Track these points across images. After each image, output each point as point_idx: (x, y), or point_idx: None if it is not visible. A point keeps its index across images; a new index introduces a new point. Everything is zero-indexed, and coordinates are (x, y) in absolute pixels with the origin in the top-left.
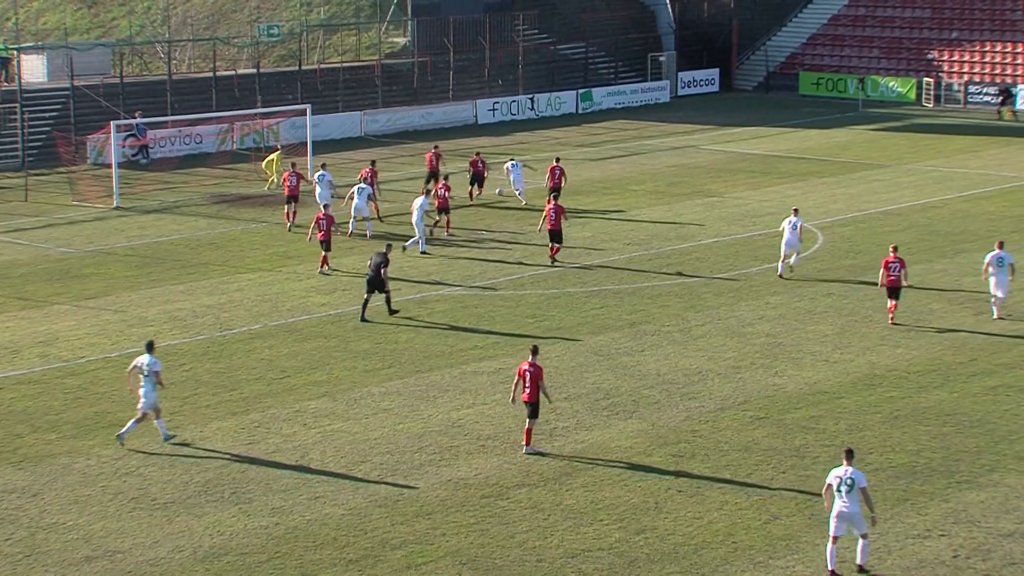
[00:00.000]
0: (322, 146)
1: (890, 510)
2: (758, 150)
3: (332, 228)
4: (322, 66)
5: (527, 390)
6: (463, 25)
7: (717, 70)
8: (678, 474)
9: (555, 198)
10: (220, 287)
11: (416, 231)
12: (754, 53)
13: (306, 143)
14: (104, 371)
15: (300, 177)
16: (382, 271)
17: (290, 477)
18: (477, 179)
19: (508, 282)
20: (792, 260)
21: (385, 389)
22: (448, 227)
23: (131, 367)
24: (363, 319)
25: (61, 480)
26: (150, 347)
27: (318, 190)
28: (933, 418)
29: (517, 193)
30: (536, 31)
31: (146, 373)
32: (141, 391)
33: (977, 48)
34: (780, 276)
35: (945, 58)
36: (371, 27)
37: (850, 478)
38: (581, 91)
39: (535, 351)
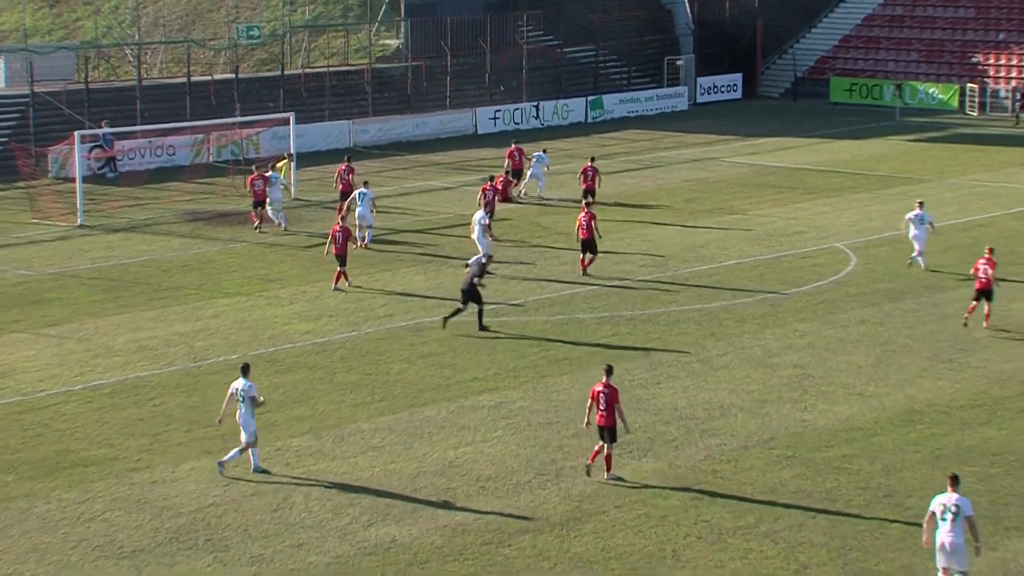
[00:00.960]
0: (307, 158)
1: (930, 560)
2: (785, 163)
3: (348, 241)
4: (307, 71)
5: (601, 413)
6: (461, 26)
7: (740, 75)
8: (697, 519)
9: (587, 205)
10: (194, 313)
11: (479, 247)
12: (781, 56)
13: (289, 155)
14: (66, 405)
15: (267, 180)
16: (475, 281)
17: (270, 523)
18: (515, 173)
19: (510, 307)
20: (921, 261)
21: (375, 425)
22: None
23: (228, 394)
24: (444, 325)
25: (18, 526)
26: (245, 370)
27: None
28: (979, 458)
29: (538, 187)
30: (541, 32)
31: (242, 399)
32: (239, 419)
33: None
34: (924, 269)
35: (991, 62)
36: (360, 28)
37: (955, 505)
38: (591, 98)
39: (609, 371)
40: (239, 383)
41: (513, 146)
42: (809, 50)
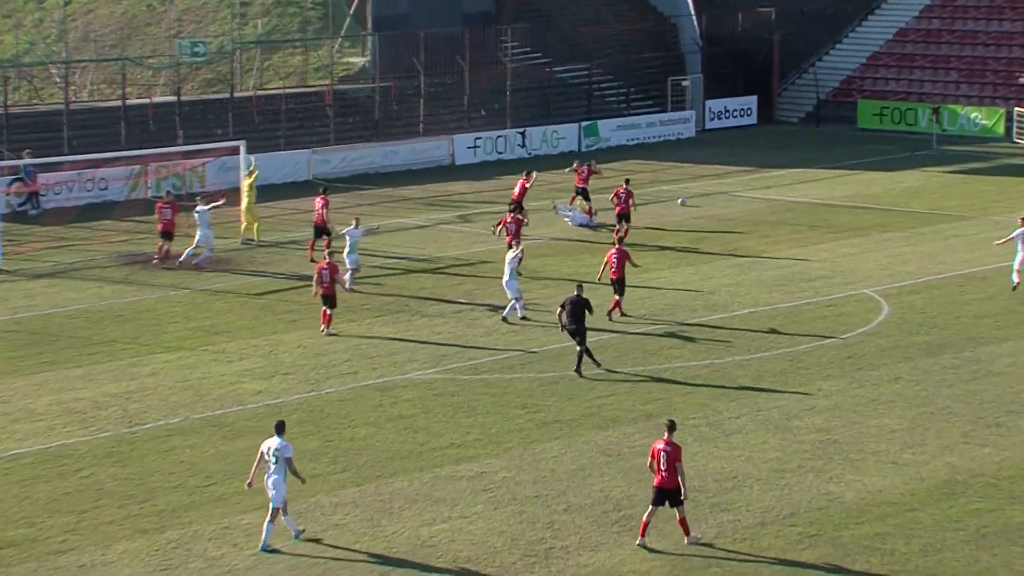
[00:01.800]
0: (260, 192)
1: None
2: (806, 198)
3: (336, 279)
4: (259, 93)
5: (663, 474)
6: (436, 41)
7: (755, 98)
8: None
9: (620, 241)
10: (129, 371)
11: (508, 292)
12: (801, 76)
13: (238, 189)
14: None
15: (175, 208)
16: (585, 315)
17: None
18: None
19: (493, 362)
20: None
21: (338, 499)
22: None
23: (259, 454)
24: (579, 373)
25: None
26: (280, 428)
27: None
28: None
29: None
30: (527, 49)
31: (276, 459)
32: (269, 482)
33: None
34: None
35: None
36: (321, 44)
37: None
38: (584, 124)
39: (672, 427)
40: (273, 442)
41: (581, 165)
42: (833, 69)
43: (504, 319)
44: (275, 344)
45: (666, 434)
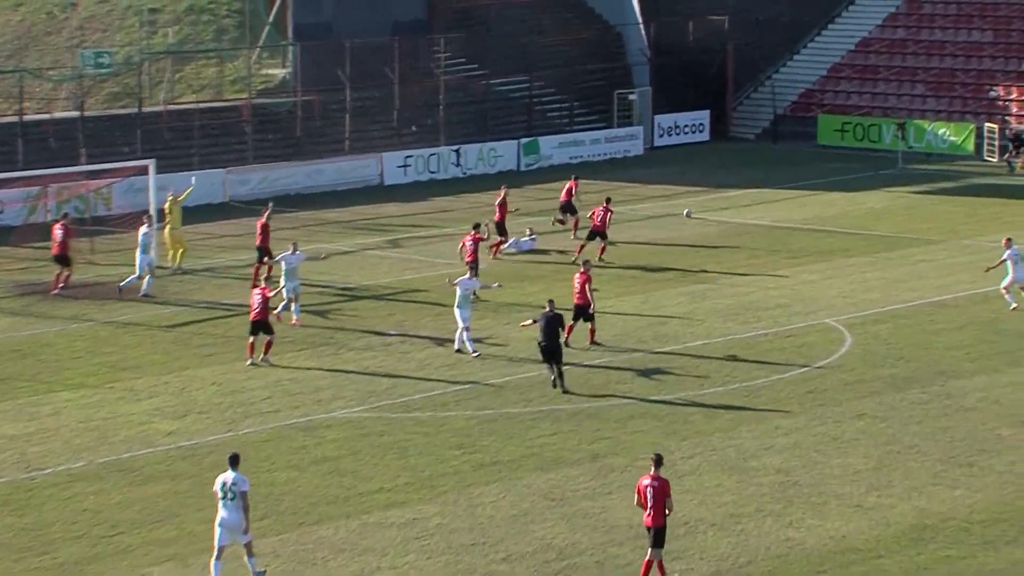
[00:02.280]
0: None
1: None
2: (763, 220)
3: (269, 304)
4: (170, 107)
5: (650, 512)
6: (363, 52)
7: (707, 112)
8: None
9: (585, 263)
10: (27, 411)
11: (459, 320)
12: (756, 89)
13: (147, 212)
14: None
15: (69, 232)
16: (560, 333)
17: None
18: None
19: (426, 399)
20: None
21: (257, 549)
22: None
23: (215, 493)
24: (564, 390)
25: None
26: (234, 461)
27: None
28: None
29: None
30: (462, 60)
31: (232, 496)
32: (224, 514)
33: None
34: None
35: (1013, 96)
36: (238, 55)
37: None
38: (524, 141)
39: (658, 461)
40: (228, 476)
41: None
42: (791, 82)
43: (458, 350)
44: (188, 380)
45: (653, 468)
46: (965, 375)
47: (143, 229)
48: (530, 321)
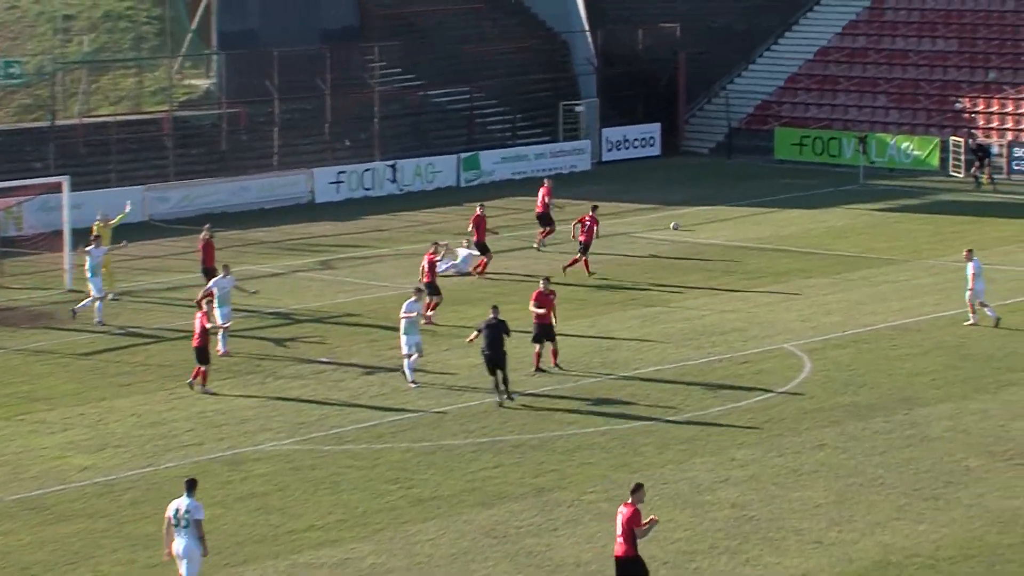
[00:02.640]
0: (86, 235)
1: None
2: (717, 239)
3: (209, 327)
4: (86, 120)
5: (618, 540)
6: (292, 61)
7: (658, 125)
8: None
9: (547, 280)
10: None
11: (403, 346)
12: (710, 101)
13: (61, 232)
14: None
15: None
16: (504, 341)
17: None
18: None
19: (359, 431)
20: (989, 311)
21: None
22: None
23: (166, 519)
24: (509, 396)
25: None
26: (191, 486)
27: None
28: None
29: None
30: (398, 70)
31: (186, 524)
32: (180, 549)
33: None
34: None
35: (980, 108)
36: (158, 64)
37: None
38: (464, 156)
39: (634, 489)
40: (182, 502)
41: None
42: (747, 93)
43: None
44: (105, 412)
45: (630, 497)
46: (930, 403)
47: (91, 249)
48: (475, 334)
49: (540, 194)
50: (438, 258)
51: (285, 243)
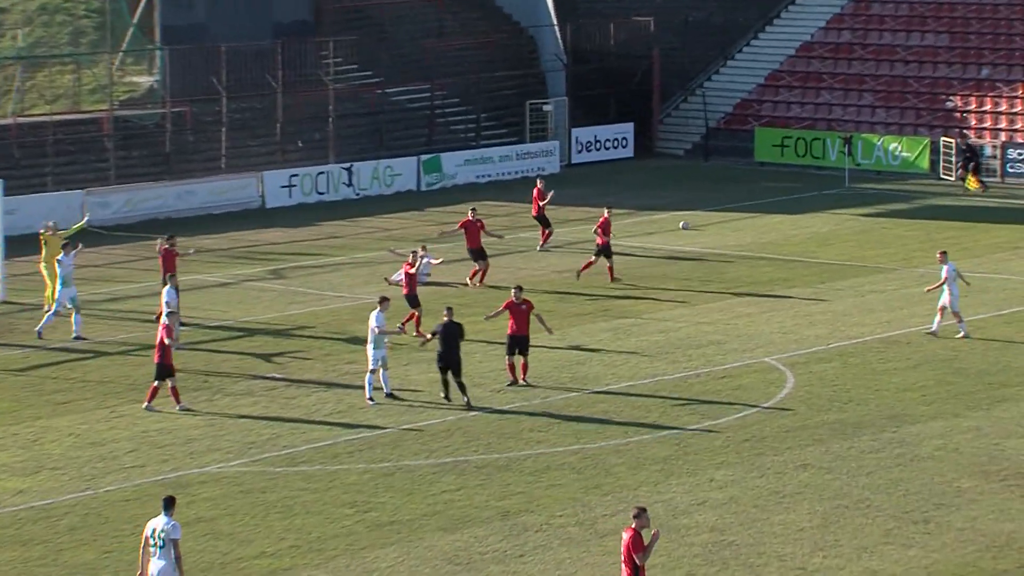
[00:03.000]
0: (21, 243)
1: None
2: (694, 247)
3: (171, 341)
4: (20, 120)
5: (622, 568)
6: (242, 57)
7: (631, 125)
8: None
9: (519, 289)
10: None
11: (370, 361)
12: (686, 99)
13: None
14: None
15: None
16: (459, 343)
17: None
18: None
19: (313, 451)
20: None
21: None
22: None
23: (143, 539)
24: (447, 397)
25: None
26: (168, 504)
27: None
28: None
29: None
30: (354, 66)
31: (162, 544)
32: (155, 571)
33: (1021, 93)
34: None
35: (972, 107)
36: (98, 60)
37: None
38: (424, 158)
39: (637, 514)
40: (159, 521)
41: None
42: (725, 91)
43: (389, 394)
44: (40, 432)
45: (633, 521)
46: (920, 420)
47: (61, 258)
48: (429, 336)
49: (533, 195)
50: (413, 269)
51: (234, 251)
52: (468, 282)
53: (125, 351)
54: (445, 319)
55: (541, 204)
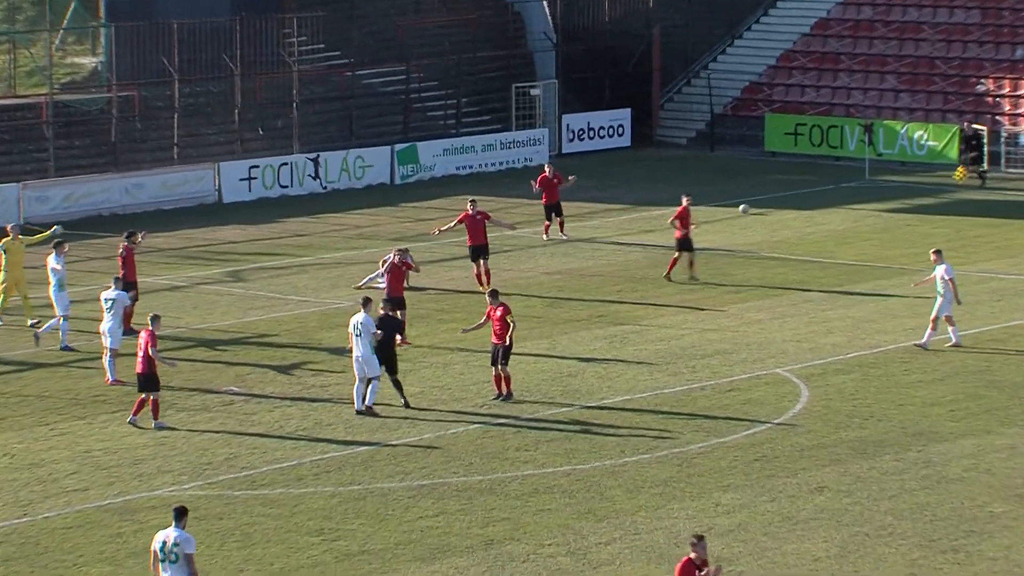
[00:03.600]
0: None
1: None
2: (699, 245)
3: (155, 355)
4: None
5: None
6: (196, 35)
7: (628, 112)
8: None
9: (494, 294)
10: None
11: (367, 369)
12: (689, 83)
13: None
14: None
15: None
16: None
17: None
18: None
19: (277, 472)
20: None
21: None
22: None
23: (152, 553)
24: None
25: None
26: (179, 515)
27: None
28: None
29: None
30: (321, 46)
31: (175, 559)
32: None
33: None
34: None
35: (1006, 91)
36: (35, 39)
37: None
38: (399, 148)
39: (695, 542)
40: (169, 534)
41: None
42: (732, 73)
43: (366, 408)
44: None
45: (692, 551)
46: (949, 438)
47: (51, 261)
48: (378, 332)
49: (539, 182)
50: (415, 266)
51: (187, 251)
52: (482, 287)
53: (66, 362)
54: (383, 312)
55: (561, 185)
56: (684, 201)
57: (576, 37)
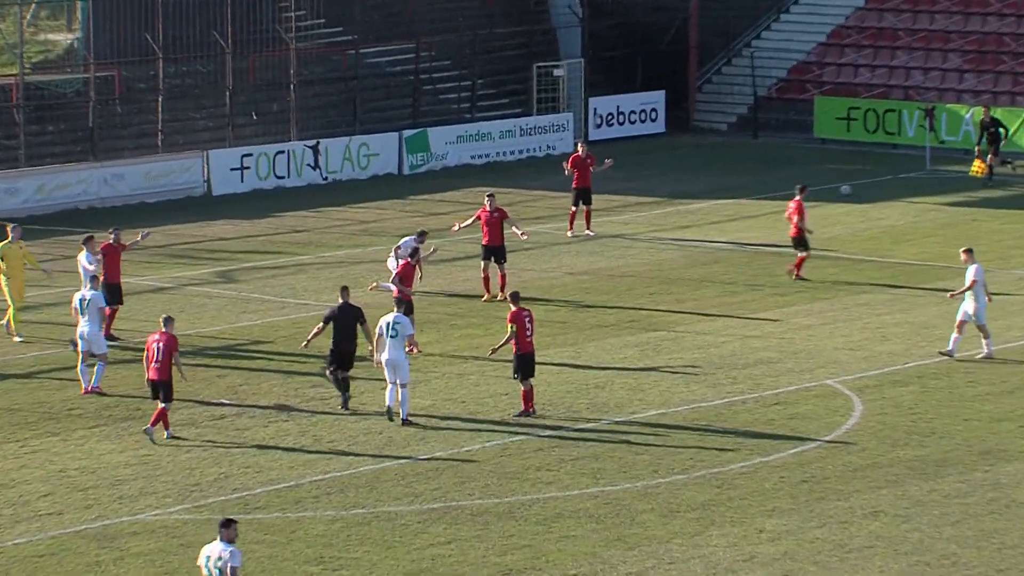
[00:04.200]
0: None
1: None
2: (740, 242)
3: (174, 361)
4: None
5: None
6: (182, 9)
7: (662, 94)
8: None
9: (515, 297)
10: None
11: (396, 374)
12: (730, 62)
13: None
14: None
15: None
16: (360, 333)
17: None
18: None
19: (271, 494)
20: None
21: None
22: None
23: (199, 565)
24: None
25: None
26: (225, 526)
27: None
28: None
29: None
30: (321, 21)
31: (218, 573)
32: None
33: None
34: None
35: None
36: (5, 13)
37: None
38: (408, 134)
39: None
40: (215, 549)
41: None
42: (778, 51)
43: (404, 422)
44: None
45: None
46: (1019, 457)
47: (86, 257)
48: (321, 325)
49: (570, 163)
50: (427, 253)
51: (173, 248)
52: (500, 294)
53: (38, 372)
54: (340, 301)
55: (595, 168)
56: (798, 194)
57: (604, 11)
